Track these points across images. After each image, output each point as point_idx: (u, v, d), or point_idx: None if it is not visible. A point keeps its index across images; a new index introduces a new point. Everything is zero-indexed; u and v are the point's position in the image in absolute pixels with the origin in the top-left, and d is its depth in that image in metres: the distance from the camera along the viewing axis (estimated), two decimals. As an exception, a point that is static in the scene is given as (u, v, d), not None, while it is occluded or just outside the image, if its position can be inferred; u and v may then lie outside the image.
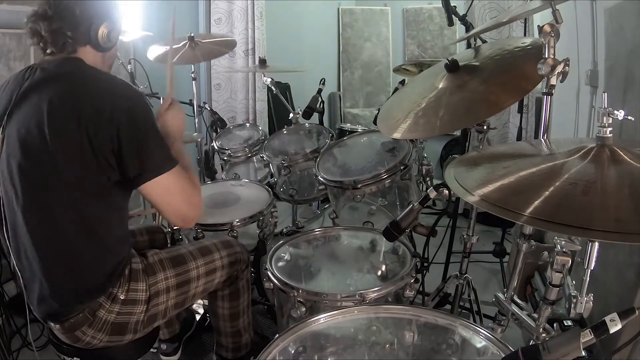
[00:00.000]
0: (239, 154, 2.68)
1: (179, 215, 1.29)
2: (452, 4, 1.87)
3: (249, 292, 1.71)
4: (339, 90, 5.31)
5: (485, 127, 1.55)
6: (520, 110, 2.80)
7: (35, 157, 1.16)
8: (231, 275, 1.58)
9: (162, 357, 1.94)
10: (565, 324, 1.46)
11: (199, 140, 2.83)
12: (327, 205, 2.98)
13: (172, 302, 1.39)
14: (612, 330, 0.74)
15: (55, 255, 1.21)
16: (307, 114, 2.53)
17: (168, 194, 1.24)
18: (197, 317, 2.15)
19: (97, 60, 1.29)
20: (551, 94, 1.14)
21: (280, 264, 1.53)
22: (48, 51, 1.23)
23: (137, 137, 1.18)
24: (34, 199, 1.18)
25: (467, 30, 1.94)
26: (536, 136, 3.05)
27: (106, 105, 1.15)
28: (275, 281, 1.40)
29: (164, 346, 1.93)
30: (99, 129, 1.13)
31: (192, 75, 2.81)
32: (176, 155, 1.29)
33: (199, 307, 2.21)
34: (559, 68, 1.08)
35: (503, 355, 0.86)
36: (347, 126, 4.30)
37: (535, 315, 1.13)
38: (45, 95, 1.15)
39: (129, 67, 2.58)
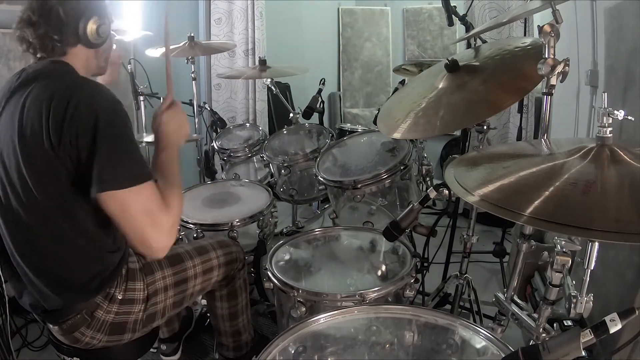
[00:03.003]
0: (239, 154, 2.68)
1: (140, 240, 1.12)
2: (452, 4, 1.87)
3: (246, 292, 1.71)
4: (339, 90, 5.30)
5: (485, 127, 1.56)
6: (520, 110, 2.80)
7: (10, 167, 1.13)
8: (227, 275, 1.59)
9: (162, 357, 1.94)
10: (565, 324, 1.46)
11: (199, 140, 2.83)
12: (327, 205, 2.98)
13: (171, 301, 1.39)
14: (612, 330, 0.74)
15: (35, 260, 1.19)
16: (307, 114, 2.53)
17: (126, 214, 1.09)
18: (196, 314, 2.15)
19: (90, 57, 1.26)
20: (551, 94, 1.14)
21: (280, 264, 1.53)
22: (38, 56, 1.20)
23: (92, 144, 1.07)
24: (10, 206, 1.16)
25: (467, 30, 1.94)
26: (536, 136, 3.06)
27: (69, 108, 1.08)
28: (275, 281, 1.40)
29: (163, 346, 1.93)
30: (60, 133, 1.07)
31: (192, 75, 2.81)
32: (165, 163, 1.21)
33: (197, 306, 2.21)
34: (559, 68, 1.07)
35: (503, 355, 0.86)
36: (347, 126, 4.30)
37: (535, 315, 1.13)
38: (19, 101, 1.13)
39: (129, 67, 2.58)
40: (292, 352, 1.06)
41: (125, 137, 1.12)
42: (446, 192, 1.25)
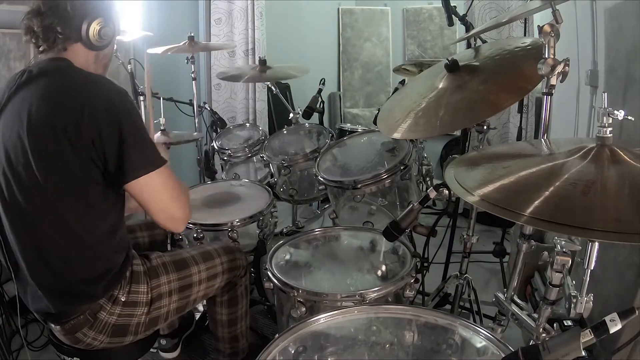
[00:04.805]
0: (239, 154, 2.68)
1: (167, 216, 1.25)
2: (452, 4, 1.87)
3: (247, 299, 1.71)
4: (339, 90, 5.30)
5: (485, 127, 1.55)
6: (520, 110, 2.80)
7: (17, 163, 1.14)
8: (230, 281, 1.59)
9: (161, 353, 1.93)
10: (565, 324, 1.46)
11: (199, 139, 2.83)
12: (327, 205, 2.98)
13: (174, 306, 1.39)
14: (612, 330, 0.74)
15: (40, 260, 1.19)
16: (307, 114, 2.53)
17: (154, 194, 1.21)
18: (197, 315, 2.15)
19: (90, 59, 1.26)
20: (551, 94, 1.14)
21: (280, 264, 1.53)
22: (40, 48, 1.21)
23: (119, 136, 1.13)
24: (17, 205, 1.16)
25: (467, 30, 1.94)
26: (536, 136, 3.06)
27: (85, 106, 1.11)
28: (275, 281, 1.40)
29: (163, 341, 1.93)
30: (80, 131, 1.10)
31: (192, 75, 2.81)
32: None
33: (198, 306, 2.21)
34: (559, 68, 1.07)
35: (503, 355, 0.86)
36: (347, 126, 4.29)
37: (535, 315, 1.13)
38: (26, 97, 1.14)
39: (129, 67, 2.58)
40: (292, 352, 1.06)
41: (142, 125, 1.21)
42: (446, 192, 1.25)
